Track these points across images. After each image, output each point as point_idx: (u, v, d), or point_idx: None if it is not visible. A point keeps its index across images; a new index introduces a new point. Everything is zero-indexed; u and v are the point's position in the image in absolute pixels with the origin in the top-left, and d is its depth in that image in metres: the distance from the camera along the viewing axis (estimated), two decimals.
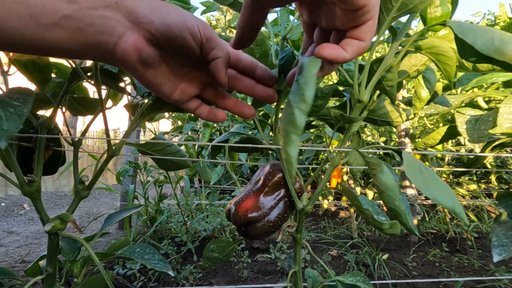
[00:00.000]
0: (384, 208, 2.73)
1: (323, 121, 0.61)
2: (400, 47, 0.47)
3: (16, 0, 0.24)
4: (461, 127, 0.75)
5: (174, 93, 0.36)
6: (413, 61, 0.53)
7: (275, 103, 0.44)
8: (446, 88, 1.04)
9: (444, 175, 2.09)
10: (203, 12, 0.69)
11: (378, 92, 0.51)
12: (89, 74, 0.55)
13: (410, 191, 1.70)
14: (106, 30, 0.27)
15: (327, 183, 2.72)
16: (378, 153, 2.33)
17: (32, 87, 0.57)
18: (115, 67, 0.58)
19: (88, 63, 0.58)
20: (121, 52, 0.29)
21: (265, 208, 0.43)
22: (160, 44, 0.31)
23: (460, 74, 0.89)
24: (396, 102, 1.79)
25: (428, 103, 1.02)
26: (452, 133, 0.95)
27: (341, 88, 0.58)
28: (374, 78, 0.46)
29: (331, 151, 0.51)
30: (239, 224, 0.43)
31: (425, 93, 0.62)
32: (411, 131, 1.96)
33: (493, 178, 2.15)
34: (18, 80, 0.57)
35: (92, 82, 0.54)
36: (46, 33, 0.25)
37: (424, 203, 2.69)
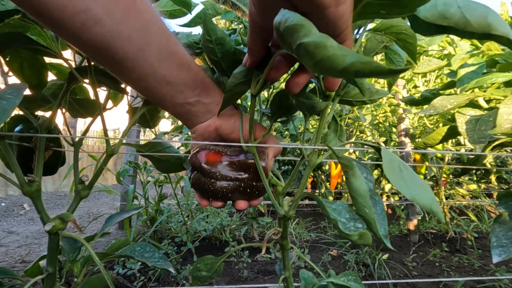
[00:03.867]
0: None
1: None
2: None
3: (168, 82, 0.40)
4: (462, 127, 0.75)
5: None
6: (379, 38, 0.51)
7: (250, 107, 0.42)
8: (446, 87, 1.04)
9: (444, 175, 2.08)
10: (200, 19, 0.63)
11: None
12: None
13: None
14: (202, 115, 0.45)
15: (327, 184, 2.71)
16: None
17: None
18: None
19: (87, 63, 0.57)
20: (201, 126, 0.46)
21: (219, 172, 0.42)
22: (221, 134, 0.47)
23: (461, 73, 0.89)
24: (396, 102, 1.78)
25: (425, 101, 1.02)
26: (452, 133, 0.95)
27: None
28: None
29: (303, 148, 0.48)
30: (192, 166, 0.44)
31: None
32: (411, 131, 1.96)
33: (493, 178, 2.14)
34: (18, 80, 0.57)
35: (88, 82, 0.54)
36: (176, 95, 0.42)
37: None
